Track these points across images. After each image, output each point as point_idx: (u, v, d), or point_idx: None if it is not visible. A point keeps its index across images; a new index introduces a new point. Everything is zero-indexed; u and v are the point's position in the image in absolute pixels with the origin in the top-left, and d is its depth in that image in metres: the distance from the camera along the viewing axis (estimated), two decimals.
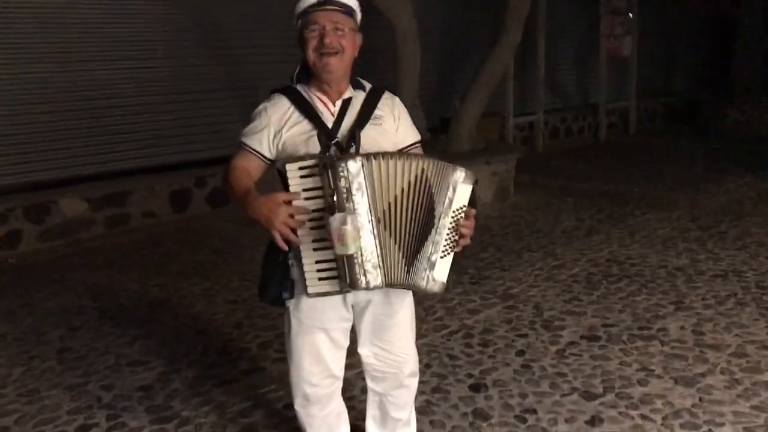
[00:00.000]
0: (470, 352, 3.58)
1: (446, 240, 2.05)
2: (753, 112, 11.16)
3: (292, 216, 1.97)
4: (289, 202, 1.98)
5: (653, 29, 11.52)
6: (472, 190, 2.08)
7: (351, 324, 2.31)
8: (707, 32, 12.56)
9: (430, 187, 2.02)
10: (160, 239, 5.93)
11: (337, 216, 1.93)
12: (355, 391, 3.13)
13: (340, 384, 2.40)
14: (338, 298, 2.19)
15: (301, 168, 2.01)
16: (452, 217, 2.04)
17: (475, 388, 3.22)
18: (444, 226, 2.04)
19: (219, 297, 4.50)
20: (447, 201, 2.03)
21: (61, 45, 6.14)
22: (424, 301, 4.11)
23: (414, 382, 2.46)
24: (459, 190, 2.04)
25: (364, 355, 2.36)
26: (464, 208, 2.06)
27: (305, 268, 2.06)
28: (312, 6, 2.09)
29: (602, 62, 10.37)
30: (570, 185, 7.43)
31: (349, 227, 1.92)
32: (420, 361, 2.51)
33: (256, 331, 3.92)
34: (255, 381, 3.37)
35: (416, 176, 2.02)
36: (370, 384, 2.43)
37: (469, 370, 3.39)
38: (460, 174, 2.04)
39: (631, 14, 10.56)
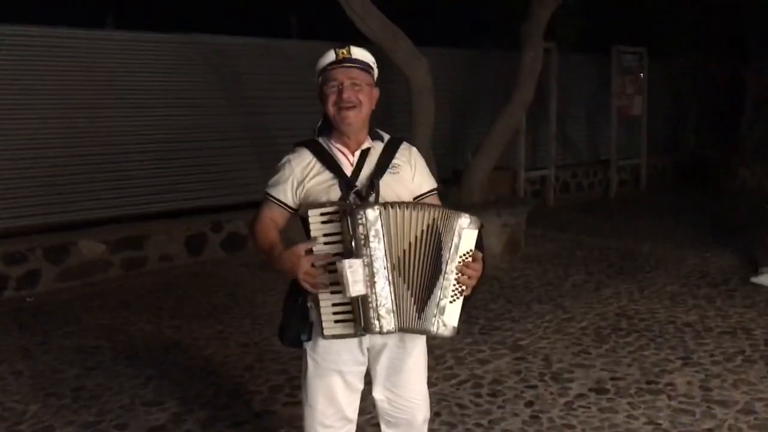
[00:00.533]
0: (479, 401, 3.62)
1: (454, 285, 2.13)
2: (762, 171, 11.24)
3: (313, 265, 2.08)
4: (310, 250, 2.08)
5: (663, 89, 11.74)
6: (479, 235, 2.16)
7: (366, 367, 2.37)
8: (716, 92, 12.75)
9: (438, 234, 2.11)
10: (175, 282, 6.03)
11: (342, 261, 2.02)
12: None
13: (353, 427, 2.44)
14: (354, 341, 2.26)
15: (322, 214, 2.11)
16: (459, 262, 2.12)
17: None
18: (451, 271, 2.11)
19: (231, 340, 4.57)
20: (453, 247, 2.11)
21: (84, 93, 6.36)
22: (434, 350, 4.17)
23: (426, 429, 2.50)
24: (464, 236, 2.12)
25: (379, 400, 2.41)
26: (470, 252, 2.14)
27: (322, 310, 2.14)
28: (331, 63, 2.23)
29: (613, 120, 10.54)
30: (580, 239, 7.50)
31: (347, 271, 2.01)
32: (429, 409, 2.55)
33: (268, 375, 3.98)
34: (266, 423, 3.42)
35: (428, 225, 2.11)
36: (384, 429, 2.46)
37: (478, 419, 3.42)
38: (464, 220, 2.12)
39: (641, 74, 10.79)
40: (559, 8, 7.24)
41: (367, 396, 2.42)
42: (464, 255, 2.12)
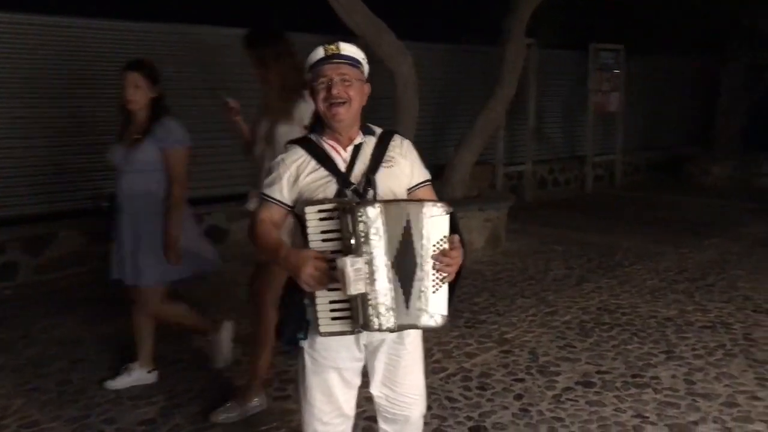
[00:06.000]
0: (469, 395, 3.65)
1: (434, 274, 2.12)
2: (735, 168, 11.47)
3: (317, 268, 2.05)
4: (316, 257, 2.07)
5: (640, 86, 11.89)
6: (453, 220, 2.15)
7: (363, 364, 2.37)
8: (691, 90, 12.97)
9: (411, 226, 2.09)
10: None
11: (343, 259, 2.00)
12: (357, 431, 3.17)
13: (351, 423, 2.43)
14: (351, 338, 2.26)
15: (320, 211, 2.10)
16: (434, 251, 2.11)
17: (475, 430, 3.28)
18: (427, 261, 2.10)
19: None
20: (425, 237, 2.09)
21: (60, 82, 6.24)
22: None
23: (422, 424, 2.51)
24: (432, 224, 2.10)
25: (376, 396, 2.40)
26: (444, 239, 2.13)
27: (319, 307, 2.13)
28: (321, 59, 2.23)
29: (590, 116, 10.66)
30: (559, 234, 7.58)
31: (349, 270, 1.99)
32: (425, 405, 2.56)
33: None
34: (256, 418, 3.41)
35: (407, 219, 2.09)
36: (381, 425, 2.46)
37: (469, 412, 3.45)
38: (428, 209, 2.11)
39: (617, 71, 10.91)
40: (540, 5, 7.28)
41: (359, 390, 2.41)
42: (437, 242, 2.11)
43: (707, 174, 11.59)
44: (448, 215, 2.13)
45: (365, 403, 2.57)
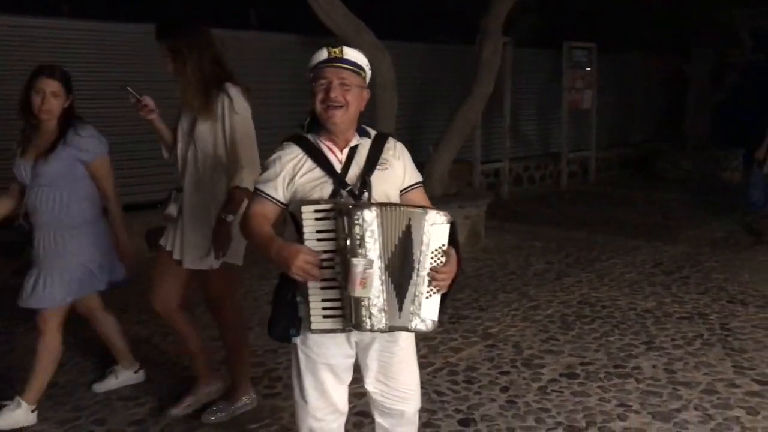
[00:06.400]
0: (456, 388, 3.70)
1: (429, 281, 2.17)
2: (704, 164, 11.70)
3: (307, 261, 2.09)
4: (307, 252, 2.10)
5: (612, 83, 12.07)
6: (452, 230, 2.20)
7: (354, 360, 2.40)
8: (661, 88, 13.20)
9: (413, 232, 2.15)
10: (137, 276, 5.90)
11: (362, 260, 2.04)
12: (348, 426, 3.20)
13: (344, 419, 2.47)
14: (343, 335, 2.29)
15: (316, 211, 2.13)
16: (431, 258, 2.16)
17: (464, 423, 3.33)
18: (424, 267, 2.15)
19: (203, 334, 4.50)
20: (425, 244, 2.14)
21: None
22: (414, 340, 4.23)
23: (417, 419, 2.55)
24: (434, 231, 2.15)
25: (371, 392, 2.43)
26: (443, 247, 2.18)
27: (311, 305, 2.16)
28: (323, 61, 2.25)
29: (564, 113, 10.80)
30: (536, 230, 7.68)
31: (373, 271, 2.05)
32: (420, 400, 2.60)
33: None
34: (247, 416, 3.42)
35: (406, 225, 2.14)
36: (378, 419, 2.50)
37: (457, 405, 3.50)
38: (432, 216, 2.16)
39: (589, 68, 11.07)
40: (515, 4, 7.37)
41: (349, 386, 2.44)
42: (436, 251, 2.16)
43: (678, 169, 11.81)
44: (449, 225, 2.18)
45: (354, 398, 2.60)
